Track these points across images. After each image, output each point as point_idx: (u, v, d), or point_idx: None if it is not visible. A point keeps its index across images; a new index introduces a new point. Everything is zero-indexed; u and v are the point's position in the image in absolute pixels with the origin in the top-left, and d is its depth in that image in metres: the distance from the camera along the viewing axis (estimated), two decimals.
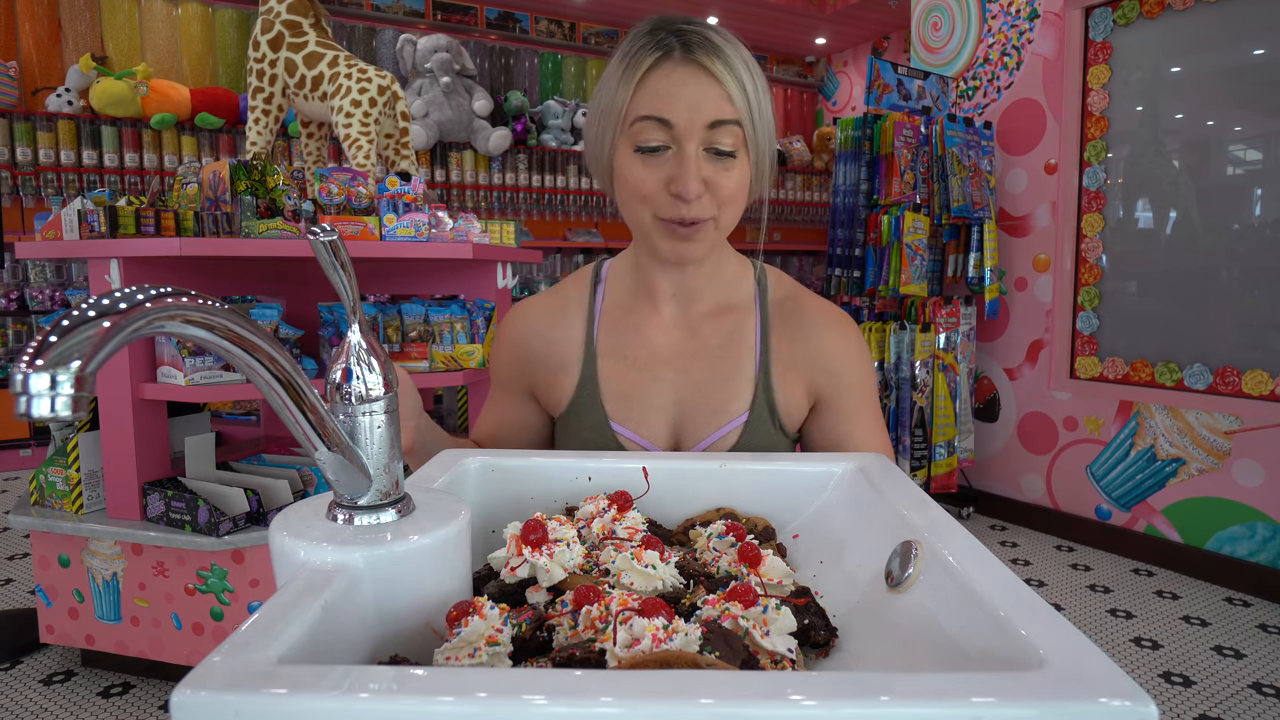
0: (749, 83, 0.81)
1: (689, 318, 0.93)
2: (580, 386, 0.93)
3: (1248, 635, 2.41)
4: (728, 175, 0.81)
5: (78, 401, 0.34)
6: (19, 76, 4.03)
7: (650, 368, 0.92)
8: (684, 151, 0.79)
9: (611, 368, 0.92)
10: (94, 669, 2.08)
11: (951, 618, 0.50)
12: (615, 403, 0.91)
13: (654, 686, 0.37)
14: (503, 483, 0.78)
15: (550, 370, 0.95)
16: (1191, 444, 2.87)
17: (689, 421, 0.91)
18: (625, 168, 0.83)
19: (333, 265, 0.54)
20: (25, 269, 4.05)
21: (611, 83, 0.83)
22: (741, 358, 0.92)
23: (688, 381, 0.91)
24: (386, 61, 4.99)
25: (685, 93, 0.79)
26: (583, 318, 0.95)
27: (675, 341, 0.93)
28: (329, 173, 2.06)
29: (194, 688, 0.36)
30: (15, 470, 4.05)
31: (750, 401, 0.91)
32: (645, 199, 0.82)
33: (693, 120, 0.79)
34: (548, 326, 0.95)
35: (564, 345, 0.94)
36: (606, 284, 0.97)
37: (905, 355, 3.23)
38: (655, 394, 0.91)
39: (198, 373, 1.82)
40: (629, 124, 0.81)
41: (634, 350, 0.92)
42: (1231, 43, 2.75)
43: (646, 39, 0.81)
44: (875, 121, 3.24)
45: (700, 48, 0.79)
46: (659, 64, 0.79)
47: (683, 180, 0.79)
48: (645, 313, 0.94)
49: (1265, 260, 2.71)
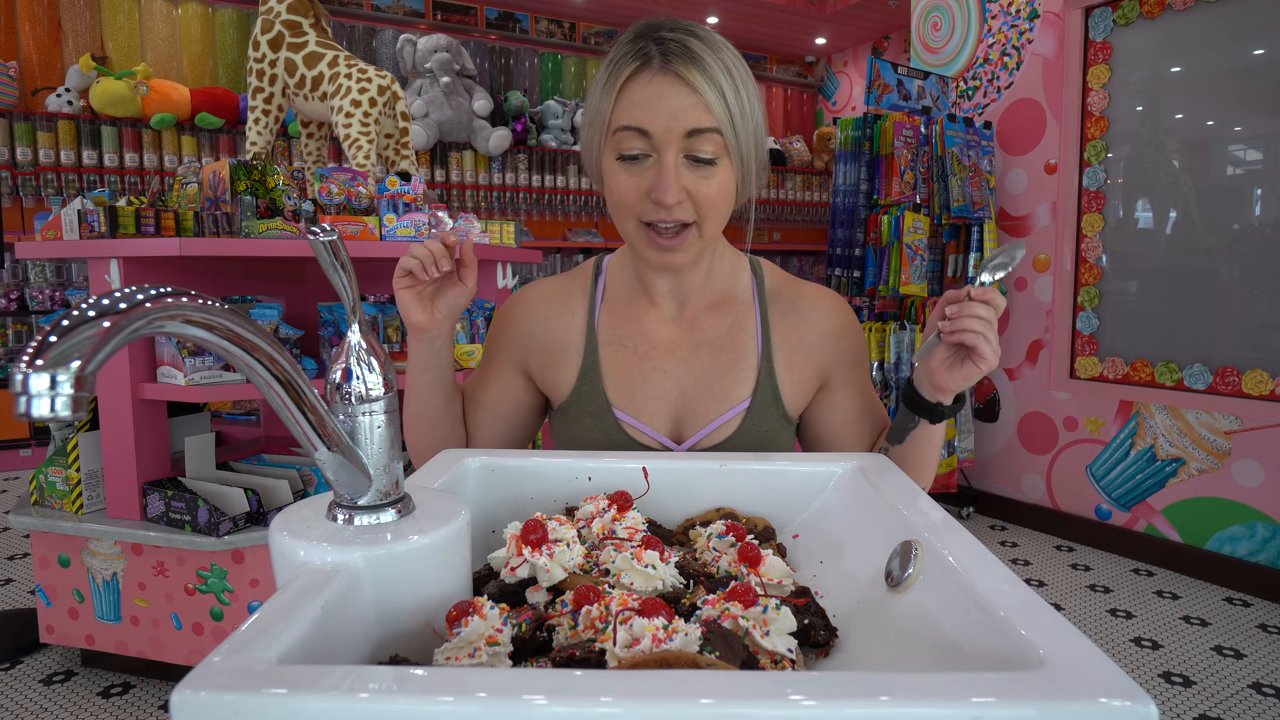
0: (729, 89, 0.81)
1: (687, 312, 0.96)
2: (582, 374, 0.95)
3: (1248, 635, 2.41)
4: (708, 183, 0.82)
5: (78, 401, 0.34)
6: (19, 76, 4.03)
7: (651, 357, 0.94)
8: (663, 160, 0.81)
9: (613, 356, 0.95)
10: (94, 669, 2.08)
11: (951, 618, 0.50)
12: (617, 390, 0.94)
13: (654, 686, 0.37)
14: (503, 483, 0.78)
15: (549, 352, 0.97)
16: (1191, 444, 2.87)
17: (691, 409, 0.93)
18: (609, 176, 0.85)
19: (333, 265, 0.54)
20: (25, 269, 4.05)
21: (597, 90, 0.85)
22: (743, 347, 0.94)
23: (689, 371, 0.94)
24: (386, 61, 4.99)
25: (663, 103, 0.80)
26: (584, 306, 0.98)
27: (675, 334, 0.95)
28: (329, 173, 2.06)
29: (194, 688, 0.36)
30: (15, 470, 4.05)
31: (753, 388, 0.93)
32: (627, 206, 0.85)
33: (670, 129, 0.80)
34: (550, 307, 0.98)
35: (565, 329, 0.97)
36: (607, 276, 1.00)
37: (905, 355, 3.23)
38: (656, 382, 0.93)
39: (198, 373, 1.82)
40: (611, 133, 0.83)
41: (634, 340, 0.95)
42: (1231, 43, 2.75)
43: (628, 47, 0.82)
44: (875, 121, 3.24)
45: (679, 57, 0.80)
46: (638, 73, 0.81)
47: (661, 188, 0.81)
48: (644, 306, 0.96)
49: (1265, 260, 2.71)
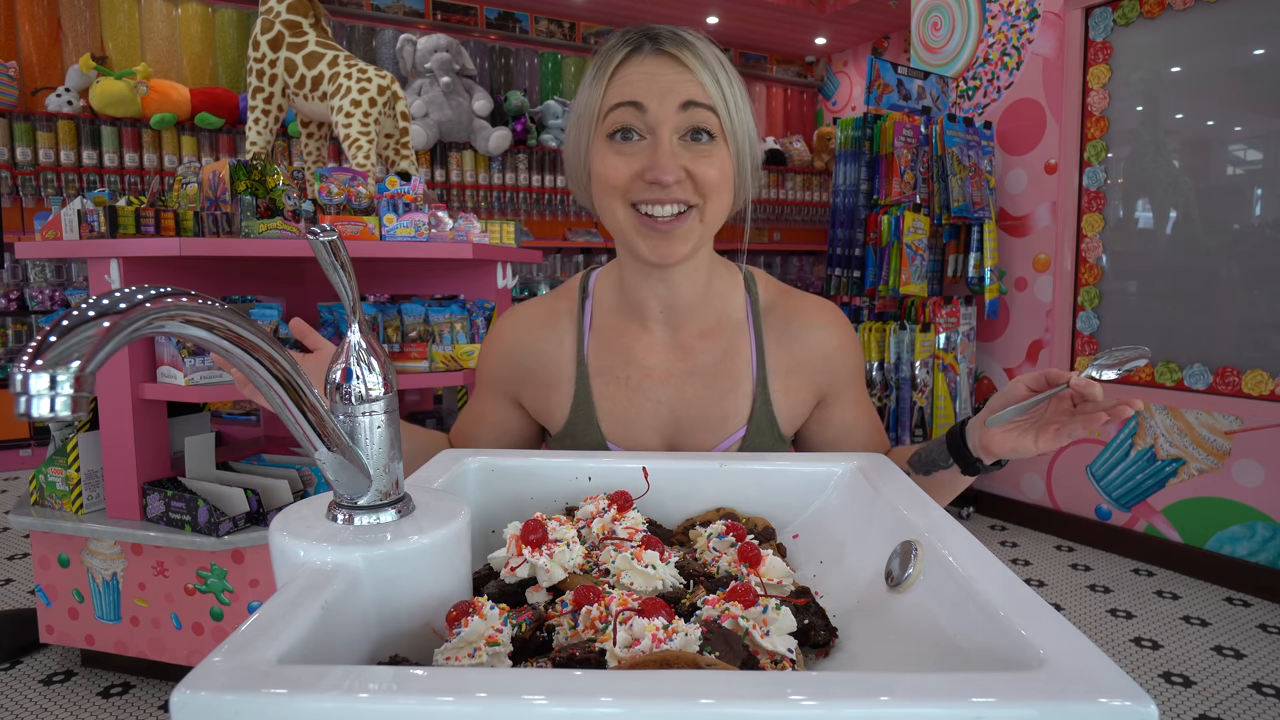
0: (722, 75, 0.80)
1: (679, 338, 0.91)
2: (575, 407, 0.92)
3: (1248, 635, 2.41)
4: (709, 162, 0.79)
5: (77, 401, 0.34)
6: (19, 76, 4.03)
7: (643, 388, 0.91)
8: (658, 137, 0.78)
9: (604, 388, 0.91)
10: (94, 669, 2.08)
11: (951, 618, 0.50)
12: (610, 423, 0.91)
13: (654, 686, 0.37)
14: (503, 483, 0.78)
15: (540, 384, 0.94)
16: (1191, 444, 2.87)
17: (686, 439, 0.91)
18: (599, 162, 0.80)
19: (333, 265, 0.54)
20: (25, 269, 4.05)
21: (585, 87, 0.83)
22: (738, 374, 0.90)
23: (683, 400, 0.90)
24: (386, 61, 4.99)
25: (657, 80, 0.78)
26: (573, 333, 0.94)
27: (667, 362, 0.91)
28: (329, 173, 2.06)
29: (194, 688, 0.36)
30: (15, 470, 4.05)
31: (749, 415, 0.90)
32: (618, 189, 0.80)
33: (665, 101, 0.77)
34: (536, 339, 0.94)
35: (553, 359, 0.93)
36: (594, 298, 0.95)
37: (905, 355, 3.22)
38: (649, 414, 0.90)
39: (198, 373, 1.82)
40: (603, 117, 0.80)
41: (625, 370, 0.91)
42: (1231, 43, 2.75)
43: (616, 39, 0.82)
44: (875, 121, 3.24)
45: (670, 41, 0.79)
46: (629, 58, 0.80)
47: (659, 166, 0.77)
48: (635, 333, 0.92)
49: (1265, 260, 2.71)
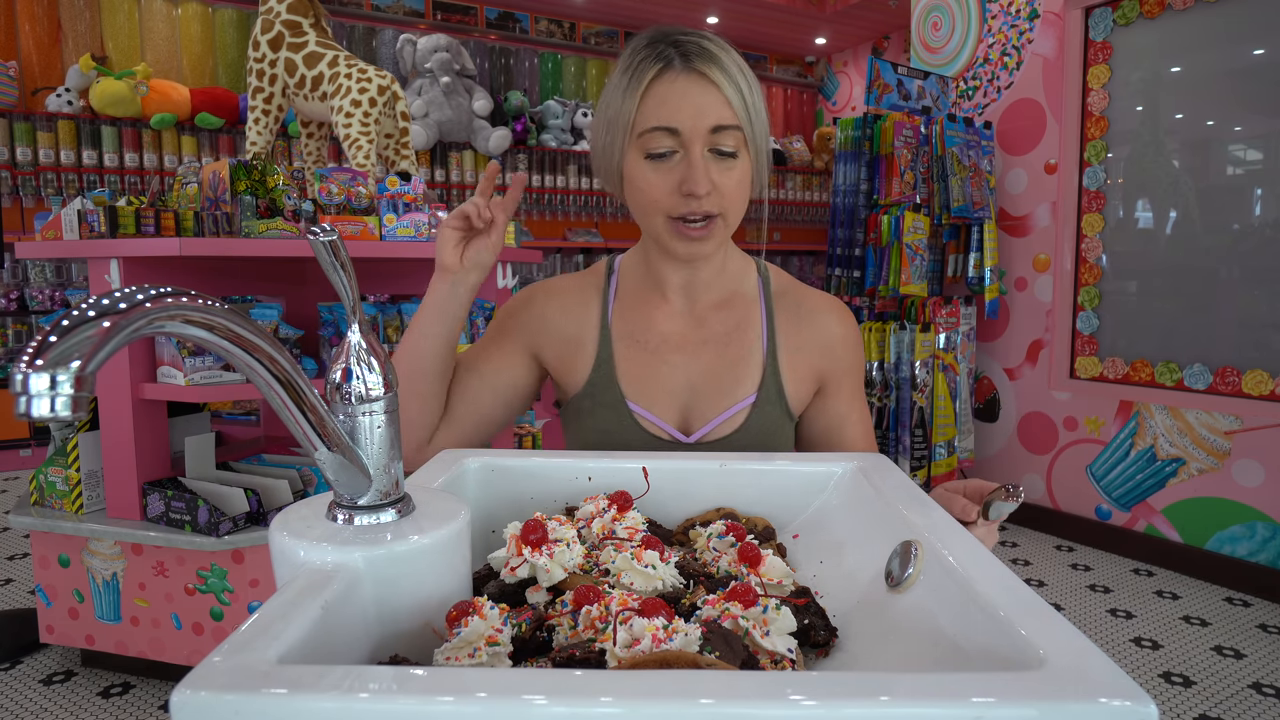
0: (745, 87, 0.87)
1: (696, 309, 1.00)
2: (597, 367, 0.98)
3: (1248, 635, 2.41)
4: (730, 174, 0.88)
5: (78, 401, 0.34)
6: (19, 76, 4.03)
7: (661, 352, 0.98)
8: (691, 155, 0.86)
9: (625, 350, 0.98)
10: (94, 669, 2.08)
11: (951, 618, 0.50)
12: (630, 383, 0.97)
13: (654, 686, 0.37)
14: (503, 483, 0.78)
15: (565, 340, 1.00)
16: (1191, 444, 2.87)
17: (699, 402, 0.97)
18: (637, 175, 0.89)
19: (333, 265, 0.54)
20: (25, 269, 4.05)
21: (617, 95, 0.89)
22: (749, 344, 0.98)
23: (697, 365, 0.97)
24: (386, 61, 4.99)
25: (689, 101, 0.85)
26: (598, 301, 1.02)
27: (683, 329, 0.99)
28: (329, 173, 2.06)
29: (194, 688, 0.36)
30: (15, 470, 4.05)
31: (759, 384, 0.97)
32: (657, 203, 0.88)
33: (697, 125, 0.85)
34: (568, 300, 1.02)
35: (580, 322, 1.00)
36: (619, 274, 1.04)
37: (905, 355, 3.22)
38: (666, 376, 0.97)
39: (198, 373, 1.82)
40: (638, 134, 0.87)
41: (645, 335, 0.99)
42: (1231, 43, 2.75)
43: (646, 51, 0.87)
44: (875, 121, 3.24)
45: (698, 57, 0.86)
46: (661, 74, 0.86)
47: (693, 180, 0.85)
48: (655, 303, 1.00)
49: (1265, 260, 2.71)
